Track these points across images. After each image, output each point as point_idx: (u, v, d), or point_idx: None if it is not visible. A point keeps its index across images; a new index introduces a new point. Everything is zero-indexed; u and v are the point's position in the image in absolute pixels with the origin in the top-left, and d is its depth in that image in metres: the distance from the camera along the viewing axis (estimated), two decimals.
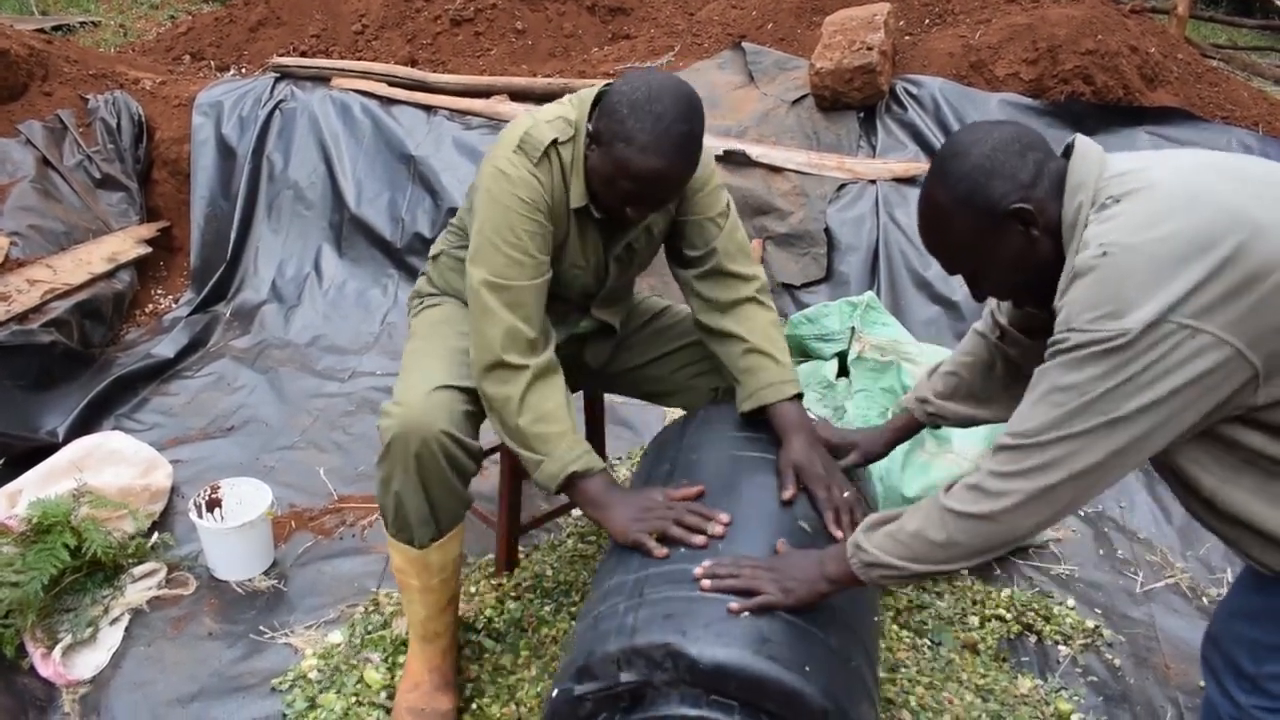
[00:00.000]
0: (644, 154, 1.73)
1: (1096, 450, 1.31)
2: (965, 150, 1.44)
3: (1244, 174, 1.35)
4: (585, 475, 1.82)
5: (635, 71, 1.85)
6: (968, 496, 1.42)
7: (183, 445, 3.22)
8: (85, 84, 4.60)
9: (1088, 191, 1.38)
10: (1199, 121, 3.89)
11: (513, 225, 1.85)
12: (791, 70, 4.37)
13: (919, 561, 1.47)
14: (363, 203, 4.29)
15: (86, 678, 2.27)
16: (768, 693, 1.43)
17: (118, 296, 3.90)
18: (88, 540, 2.36)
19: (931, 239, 1.53)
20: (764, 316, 2.06)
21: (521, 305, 1.85)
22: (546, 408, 1.84)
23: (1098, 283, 1.28)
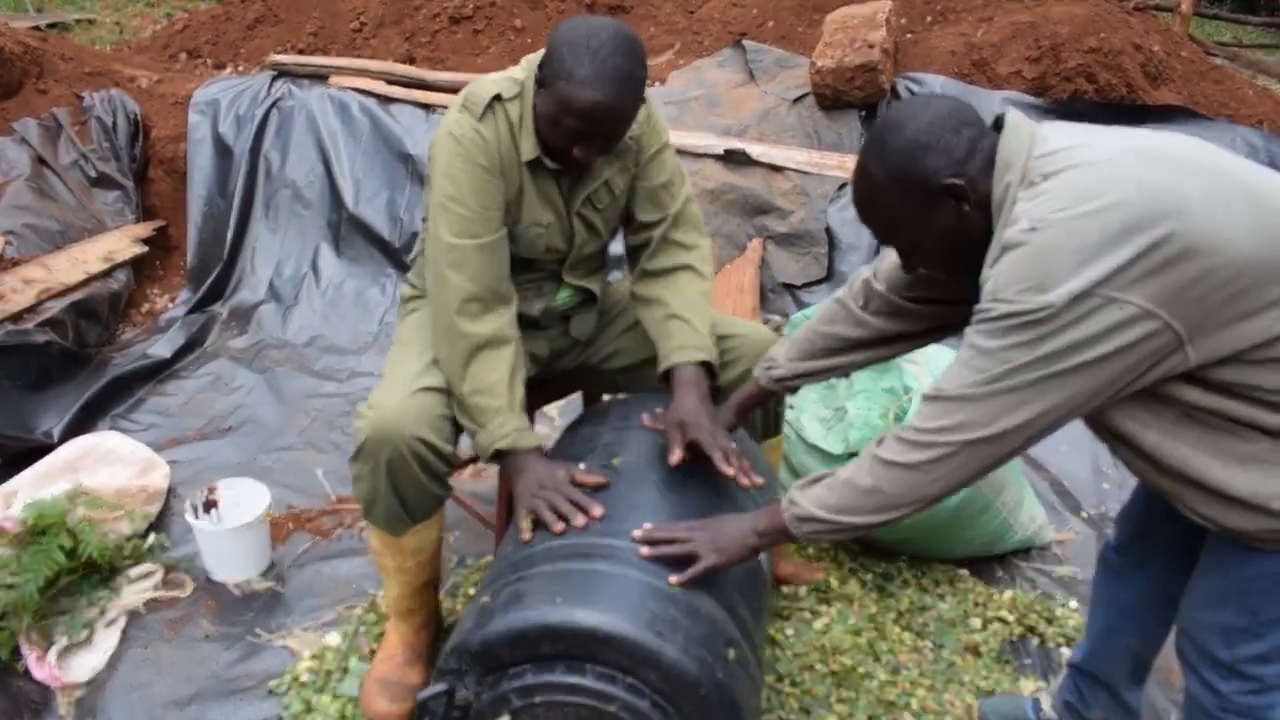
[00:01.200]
0: (583, 87, 1.76)
1: (1019, 412, 1.36)
2: (901, 124, 1.47)
3: (1167, 154, 1.39)
4: (509, 453, 1.86)
5: (576, 16, 1.85)
6: (896, 447, 1.46)
7: (180, 446, 3.20)
8: (81, 82, 4.58)
9: (1016, 171, 1.40)
10: (1203, 119, 3.88)
11: (456, 182, 1.88)
12: (792, 68, 4.36)
13: (847, 512, 1.51)
14: (361, 202, 4.27)
15: (82, 680, 2.25)
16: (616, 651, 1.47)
17: (114, 296, 3.89)
18: (84, 542, 2.35)
19: (866, 211, 1.56)
20: (695, 285, 2.09)
21: (467, 264, 1.88)
22: (488, 380, 1.87)
23: (1025, 257, 1.32)
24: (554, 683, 1.49)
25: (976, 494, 2.46)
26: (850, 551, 2.66)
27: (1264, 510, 1.40)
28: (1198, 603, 1.59)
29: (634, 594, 1.54)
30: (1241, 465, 1.39)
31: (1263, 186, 1.37)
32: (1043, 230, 1.31)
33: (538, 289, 2.13)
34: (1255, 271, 1.29)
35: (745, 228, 4.03)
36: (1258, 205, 1.33)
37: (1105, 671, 1.93)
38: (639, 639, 1.46)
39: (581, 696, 1.48)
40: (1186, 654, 1.62)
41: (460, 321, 1.88)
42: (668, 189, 2.10)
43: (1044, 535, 2.73)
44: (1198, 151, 1.41)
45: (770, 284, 3.93)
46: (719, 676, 1.50)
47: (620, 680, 1.48)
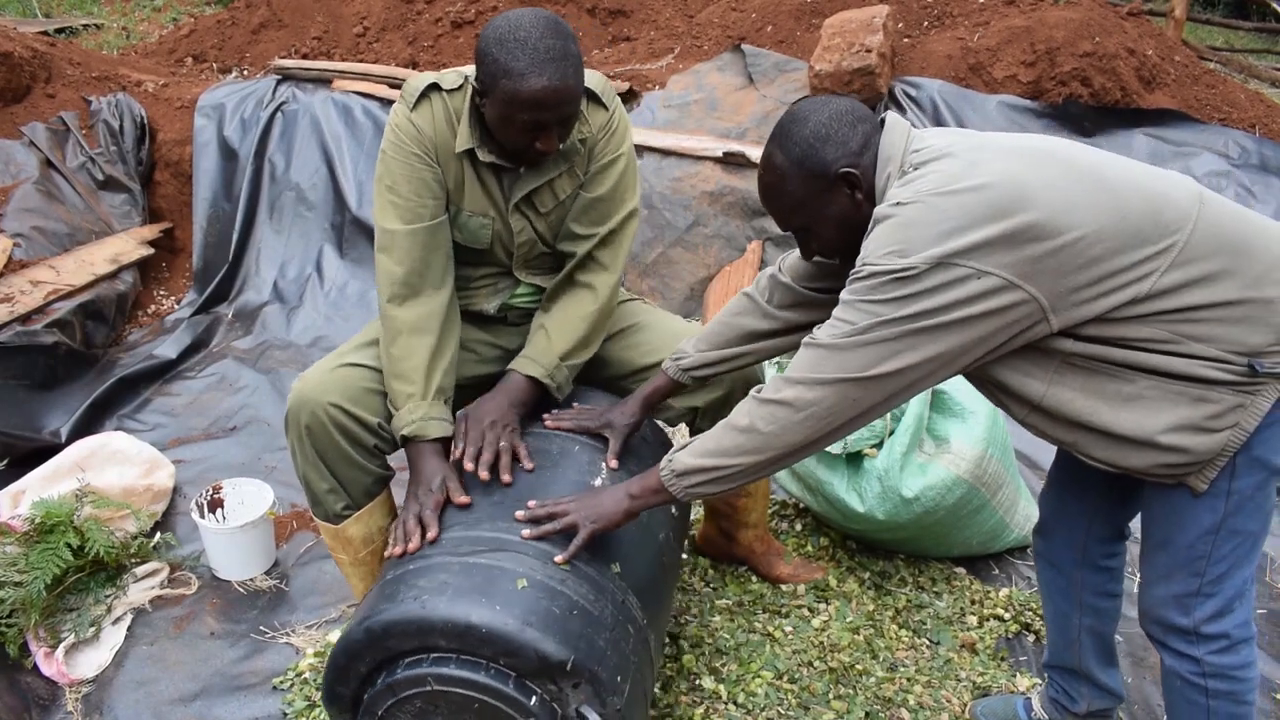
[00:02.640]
0: (525, 78, 1.75)
1: (887, 363, 1.46)
2: (804, 117, 1.59)
3: (1026, 149, 1.50)
4: (412, 440, 1.88)
5: (494, 16, 1.87)
6: (771, 386, 1.56)
7: (185, 445, 3.23)
8: (88, 86, 4.62)
9: (895, 163, 1.54)
10: (1196, 123, 3.91)
11: (389, 169, 1.93)
12: (791, 72, 4.39)
13: (723, 455, 1.58)
14: (364, 204, 4.30)
15: (89, 676, 2.28)
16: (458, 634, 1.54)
17: (120, 297, 3.92)
18: (90, 540, 2.38)
19: (769, 195, 1.65)
20: (586, 307, 2.06)
21: (395, 248, 1.92)
22: (406, 365, 1.91)
23: (891, 227, 1.45)
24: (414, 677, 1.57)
25: (973, 493, 2.49)
26: (849, 550, 2.69)
27: (1153, 445, 1.49)
28: (1148, 581, 1.67)
29: (495, 586, 1.60)
30: (1126, 404, 1.50)
31: (1110, 172, 1.49)
32: (909, 205, 1.45)
33: (494, 285, 2.14)
34: (1105, 244, 1.41)
35: (744, 230, 4.06)
36: (1104, 188, 1.45)
37: (1075, 660, 1.98)
38: (497, 628, 1.54)
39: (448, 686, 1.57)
40: (1153, 632, 1.70)
41: (388, 306, 1.93)
42: (608, 202, 2.05)
43: None
44: (1054, 146, 1.53)
45: None
46: (604, 650, 1.60)
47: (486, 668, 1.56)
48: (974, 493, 2.49)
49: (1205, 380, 1.45)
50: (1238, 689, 1.63)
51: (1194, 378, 1.46)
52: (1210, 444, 1.48)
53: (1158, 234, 1.43)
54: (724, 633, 2.37)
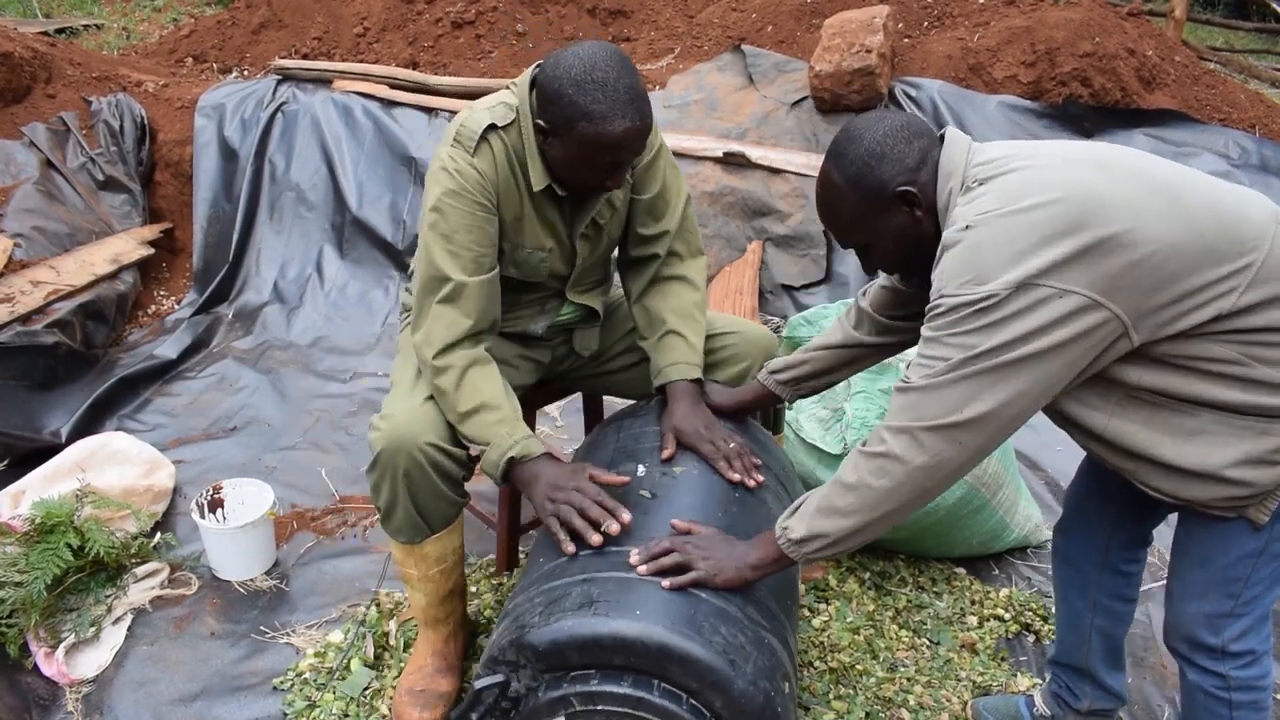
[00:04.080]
0: (608, 121, 1.75)
1: (985, 398, 1.41)
2: (859, 135, 1.56)
3: (1093, 159, 1.47)
4: (523, 460, 1.82)
5: (555, 52, 1.85)
6: (874, 437, 1.51)
7: (185, 446, 3.23)
8: (88, 86, 4.62)
9: (956, 178, 1.51)
10: (1196, 123, 3.91)
11: (449, 219, 1.87)
12: (791, 72, 4.39)
13: (837, 516, 1.53)
14: (364, 204, 4.31)
15: (89, 677, 2.28)
16: (665, 660, 1.47)
17: (120, 298, 3.92)
18: (91, 540, 2.37)
19: (827, 214, 1.64)
20: (690, 297, 2.11)
21: (464, 299, 1.88)
22: (484, 396, 1.86)
23: (962, 253, 1.41)
24: (618, 694, 1.48)
25: (973, 493, 2.49)
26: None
27: (1217, 479, 1.47)
28: (1179, 597, 1.65)
29: (707, 617, 1.54)
30: (1189, 439, 1.48)
31: (1180, 184, 1.45)
32: (977, 228, 1.41)
33: (540, 306, 2.14)
34: (1181, 259, 1.38)
35: (744, 230, 4.06)
36: (1178, 203, 1.41)
37: (1082, 659, 1.97)
38: (712, 664, 1.46)
39: (644, 711, 1.48)
40: (1178, 648, 1.67)
41: (447, 357, 1.86)
42: (664, 198, 2.10)
43: (1039, 534, 2.76)
44: (1122, 156, 1.50)
45: (769, 285, 3.96)
46: (777, 710, 1.51)
47: (685, 702, 1.48)
48: (974, 493, 2.49)
49: (1269, 413, 1.43)
50: (1260, 698, 1.63)
51: (1258, 411, 1.43)
52: (1273, 476, 1.46)
53: (1234, 252, 1.40)
54: None
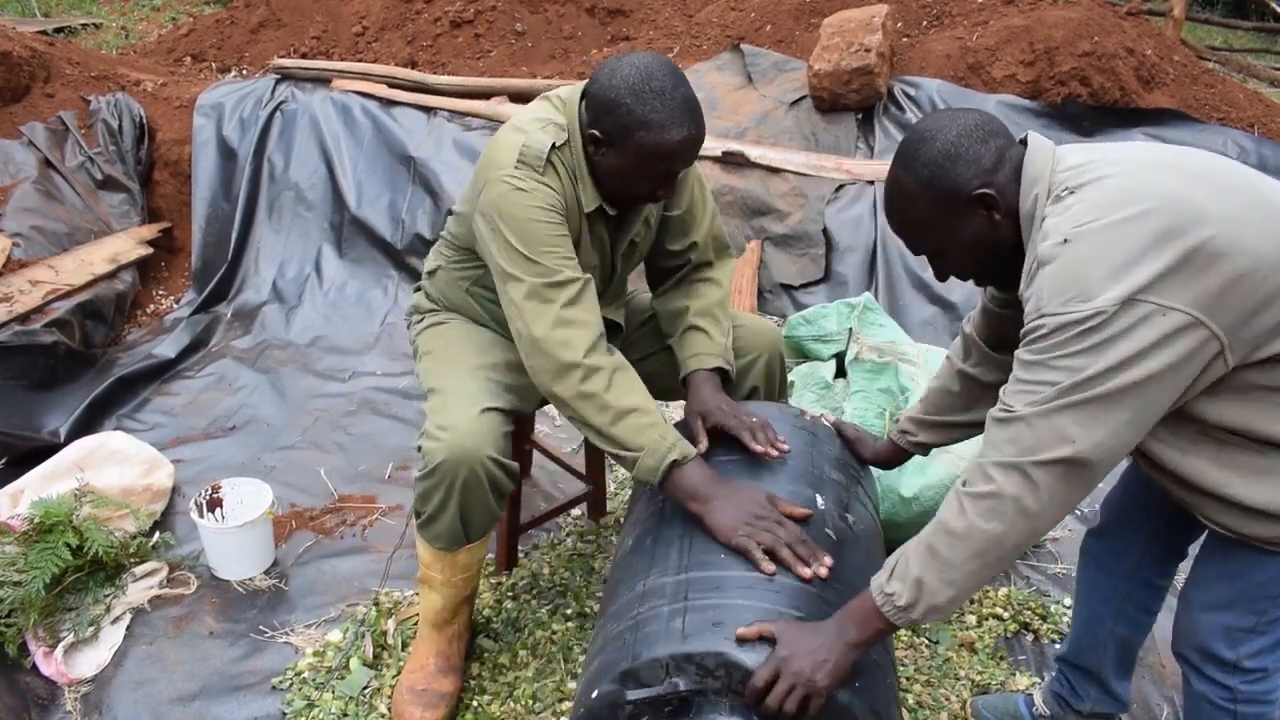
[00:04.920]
0: (667, 130, 1.77)
1: (1096, 426, 1.33)
2: (931, 136, 1.49)
3: (1183, 166, 1.42)
4: (683, 463, 1.77)
5: (607, 62, 1.86)
6: (977, 475, 1.41)
7: (184, 445, 3.23)
8: (87, 86, 4.62)
9: (1043, 184, 1.44)
10: (1195, 123, 3.91)
11: (542, 234, 1.84)
12: (790, 72, 4.39)
13: (948, 568, 1.41)
14: (363, 204, 4.31)
15: (88, 676, 2.28)
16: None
17: (119, 297, 3.92)
18: (89, 540, 2.37)
19: (897, 220, 1.58)
20: (714, 294, 2.14)
21: (583, 299, 1.84)
22: (633, 401, 1.81)
23: (1062, 269, 1.34)
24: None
25: None
26: None
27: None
28: (1201, 607, 1.61)
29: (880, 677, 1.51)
30: (1259, 478, 1.43)
31: (1274, 195, 1.40)
32: (1075, 241, 1.34)
33: None
34: (1277, 278, 1.32)
35: (743, 229, 4.06)
36: (1273, 214, 1.36)
37: (1093, 662, 1.96)
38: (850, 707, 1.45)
39: None
40: (1189, 657, 1.64)
41: (589, 358, 1.80)
42: (692, 213, 2.13)
43: None
44: (1211, 164, 1.44)
45: (768, 285, 3.96)
46: None
47: None
48: None
49: None
50: (1266, 711, 1.61)
51: None
52: None
53: None
54: None
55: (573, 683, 2.22)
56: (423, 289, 2.31)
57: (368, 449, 3.23)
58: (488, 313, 2.18)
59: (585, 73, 4.71)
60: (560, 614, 2.43)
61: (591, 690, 1.52)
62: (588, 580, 2.56)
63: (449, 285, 2.22)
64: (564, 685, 2.22)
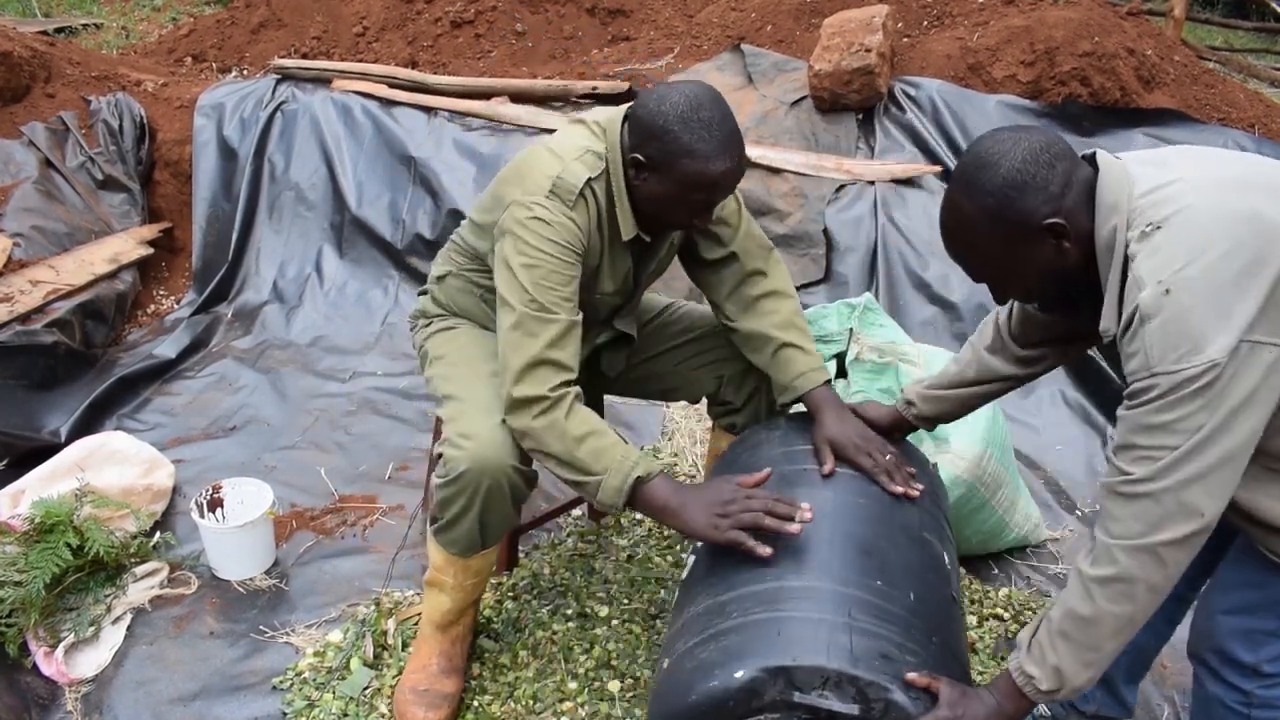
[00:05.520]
0: (711, 160, 1.78)
1: (1219, 491, 1.32)
2: (995, 160, 1.42)
3: (1255, 183, 1.38)
4: (648, 479, 1.78)
5: (656, 88, 1.87)
6: (1103, 556, 1.38)
7: (184, 445, 3.23)
8: (87, 86, 4.62)
9: (1121, 214, 1.38)
10: (1195, 123, 3.91)
11: (548, 269, 1.84)
12: (790, 72, 4.39)
13: (1085, 651, 1.41)
14: (364, 204, 4.31)
15: (89, 676, 2.28)
16: None
17: (120, 297, 3.92)
18: (90, 540, 2.37)
19: (958, 249, 1.52)
20: (786, 307, 2.11)
21: (560, 341, 1.84)
22: (591, 425, 1.82)
23: (1169, 324, 1.30)
24: None
25: (973, 493, 2.49)
26: None
27: None
28: (1222, 610, 1.60)
29: None
30: None
31: None
32: (1176, 292, 1.30)
33: (585, 333, 2.10)
34: None
35: None
36: None
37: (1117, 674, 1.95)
38: None
39: None
40: (1206, 659, 1.64)
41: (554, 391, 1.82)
42: (725, 221, 2.12)
43: (1039, 533, 2.76)
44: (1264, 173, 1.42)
45: None
46: None
47: None
48: (973, 492, 2.49)
49: None
50: (1278, 715, 1.60)
51: None
52: None
53: None
54: None
55: (573, 683, 2.23)
56: (430, 294, 2.30)
57: (368, 449, 3.23)
58: None
59: (585, 73, 4.71)
60: (560, 614, 2.43)
61: (730, 668, 1.47)
62: (588, 580, 2.56)
63: (460, 292, 2.21)
64: (564, 685, 2.22)
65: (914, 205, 3.84)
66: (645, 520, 2.83)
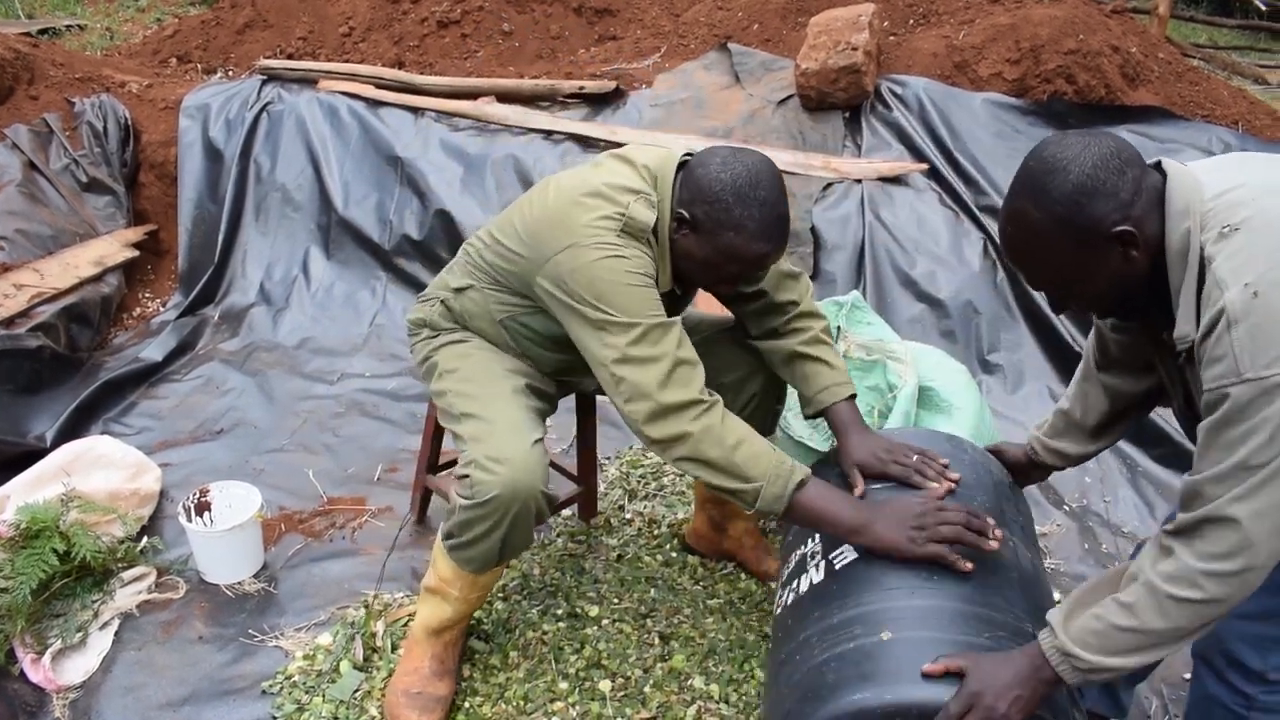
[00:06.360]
0: (755, 241, 1.81)
1: None
2: (1064, 166, 1.38)
3: None
4: (805, 484, 1.76)
5: (719, 150, 1.88)
6: (1183, 577, 1.34)
7: (171, 449, 3.22)
8: (71, 87, 4.59)
9: (1194, 217, 1.36)
10: (1180, 120, 3.92)
11: (644, 291, 1.85)
12: (777, 71, 4.39)
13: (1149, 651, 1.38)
14: (350, 204, 4.29)
15: (77, 682, 2.27)
16: None
17: (105, 300, 3.90)
18: (76, 545, 2.36)
19: (1021, 256, 1.48)
20: (815, 325, 2.13)
21: (684, 343, 1.84)
22: (742, 431, 1.80)
23: (1259, 326, 1.26)
24: None
25: None
26: None
27: None
28: (1237, 614, 1.54)
29: None
30: None
31: None
32: (1265, 294, 1.27)
33: None
34: None
35: None
36: None
37: None
38: None
39: None
40: (1212, 660, 1.63)
41: (703, 393, 1.81)
42: None
43: None
44: None
45: None
46: None
47: None
48: None
49: None
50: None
51: None
52: None
53: None
54: (717, 633, 2.37)
55: (564, 683, 2.22)
56: (443, 302, 2.22)
57: (356, 451, 3.22)
58: (517, 345, 2.15)
59: (572, 73, 4.70)
60: (551, 614, 2.43)
61: None
62: (578, 581, 2.56)
63: (479, 311, 2.15)
64: (555, 685, 2.22)
65: (901, 203, 3.84)
66: (634, 519, 2.83)
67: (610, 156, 2.04)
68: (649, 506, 2.92)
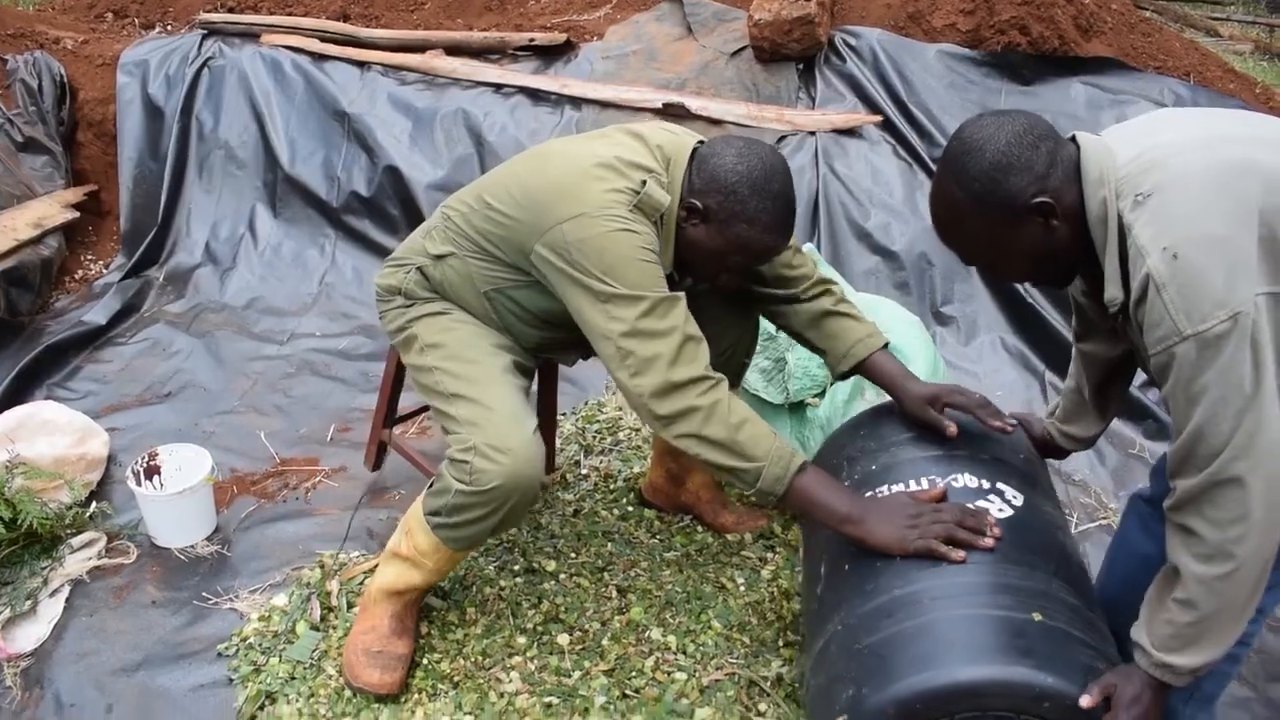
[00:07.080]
0: (766, 234, 1.83)
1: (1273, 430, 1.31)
2: (980, 146, 1.46)
3: (1228, 135, 1.43)
4: (804, 469, 1.76)
5: (732, 141, 1.88)
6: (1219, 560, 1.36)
7: (118, 413, 3.16)
8: (3, 44, 4.44)
9: (1109, 185, 1.42)
10: (1132, 71, 3.94)
11: (653, 272, 1.83)
12: (730, 22, 4.35)
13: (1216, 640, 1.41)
14: (296, 162, 4.21)
15: (28, 650, 2.24)
16: None
17: (45, 263, 3.81)
18: (23, 512, 2.33)
19: (949, 234, 1.56)
20: (835, 289, 2.14)
21: (690, 319, 1.83)
22: (745, 411, 1.79)
23: (1185, 286, 1.32)
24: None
25: None
26: None
27: None
28: None
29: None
30: None
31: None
32: (1184, 254, 1.32)
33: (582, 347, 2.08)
34: None
35: None
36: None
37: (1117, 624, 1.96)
38: None
39: None
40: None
41: (708, 370, 1.80)
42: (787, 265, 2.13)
43: None
44: (1246, 125, 1.46)
45: None
46: None
47: None
48: None
49: None
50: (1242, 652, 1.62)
51: None
52: None
53: None
54: (674, 585, 2.38)
55: (521, 637, 2.23)
56: (420, 269, 2.12)
57: (308, 411, 3.19)
58: (500, 319, 2.09)
59: (522, 24, 4.62)
60: (508, 570, 2.43)
61: None
62: (535, 536, 2.56)
63: (461, 281, 2.08)
64: (513, 640, 2.22)
65: (855, 155, 3.84)
66: (590, 474, 2.83)
67: (620, 130, 2.02)
68: (605, 461, 2.92)
